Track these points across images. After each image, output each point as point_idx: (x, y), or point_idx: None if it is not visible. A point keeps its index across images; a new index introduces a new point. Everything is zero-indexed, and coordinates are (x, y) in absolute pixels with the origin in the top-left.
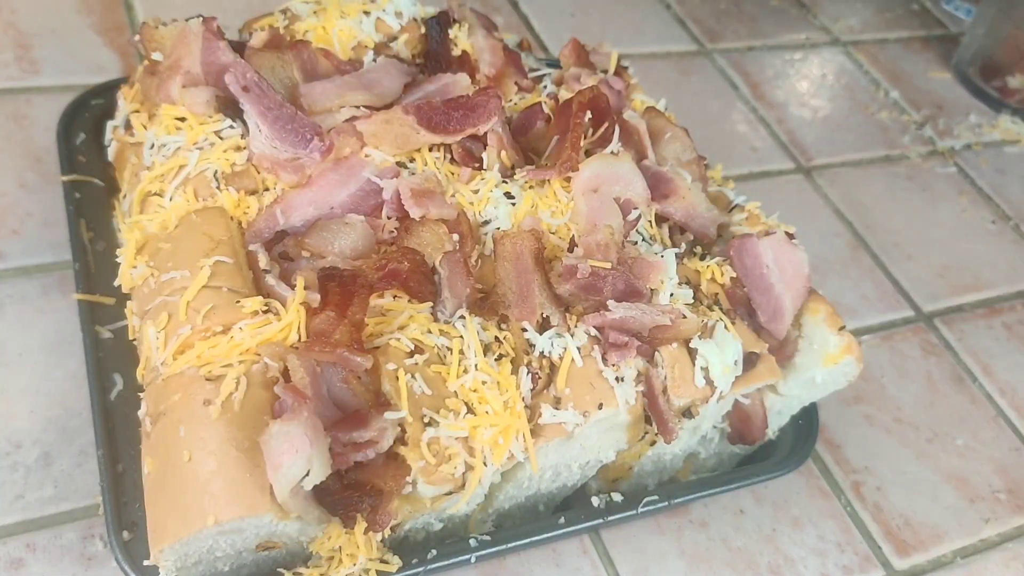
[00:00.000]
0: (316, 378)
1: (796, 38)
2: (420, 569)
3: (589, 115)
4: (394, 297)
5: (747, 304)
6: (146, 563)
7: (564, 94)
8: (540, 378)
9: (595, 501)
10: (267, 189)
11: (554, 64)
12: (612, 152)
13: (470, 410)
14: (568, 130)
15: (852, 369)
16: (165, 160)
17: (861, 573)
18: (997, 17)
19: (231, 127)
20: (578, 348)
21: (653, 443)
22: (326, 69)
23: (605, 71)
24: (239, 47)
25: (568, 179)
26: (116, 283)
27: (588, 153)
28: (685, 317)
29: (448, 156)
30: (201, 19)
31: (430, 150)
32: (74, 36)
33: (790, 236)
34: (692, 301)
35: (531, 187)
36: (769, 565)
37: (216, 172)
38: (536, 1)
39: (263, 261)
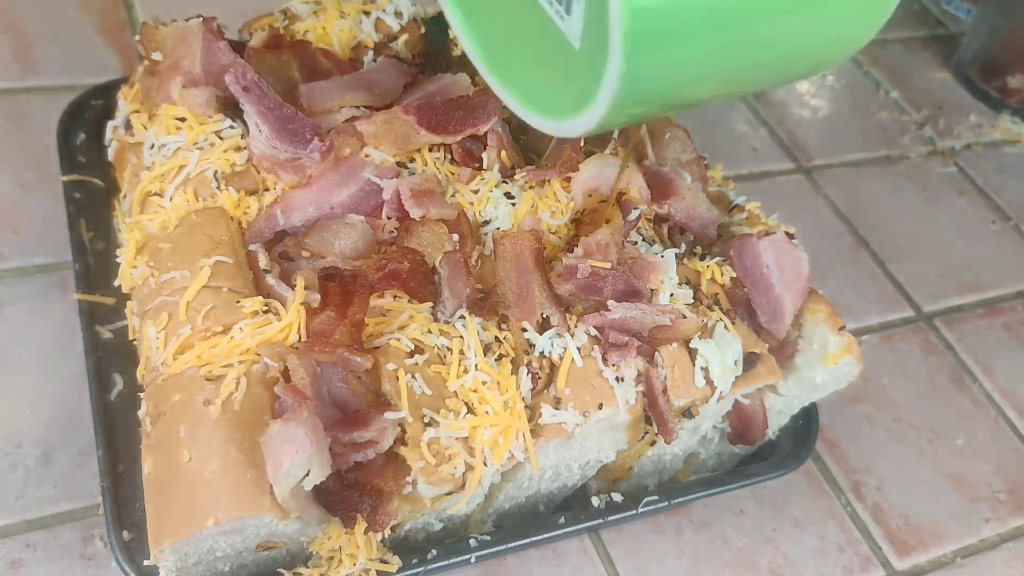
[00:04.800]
0: (316, 378)
1: None
2: (420, 569)
3: None
4: (394, 297)
5: (747, 304)
6: (146, 563)
7: None
8: (540, 378)
9: (595, 501)
10: (267, 189)
11: None
12: (612, 152)
13: (470, 410)
14: None
15: (852, 369)
16: (165, 160)
17: (861, 573)
18: (997, 17)
19: (231, 127)
20: (578, 348)
21: (653, 443)
22: (326, 69)
23: None
24: (239, 47)
25: (568, 179)
26: (116, 283)
27: (588, 153)
28: (685, 317)
29: (448, 156)
30: (201, 19)
31: (430, 150)
32: (74, 36)
33: (790, 236)
34: (692, 301)
35: (531, 187)
36: (769, 565)
37: (216, 172)
38: None
39: (263, 261)
